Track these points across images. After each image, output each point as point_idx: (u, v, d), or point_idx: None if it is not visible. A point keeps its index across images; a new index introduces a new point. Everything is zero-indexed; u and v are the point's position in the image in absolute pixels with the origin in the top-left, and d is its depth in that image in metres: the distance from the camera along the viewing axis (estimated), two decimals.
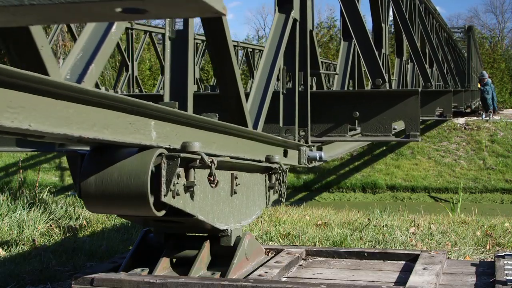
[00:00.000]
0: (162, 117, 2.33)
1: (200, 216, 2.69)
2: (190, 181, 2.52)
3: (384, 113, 4.44)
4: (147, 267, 2.98)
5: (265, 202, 3.44)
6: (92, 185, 2.36)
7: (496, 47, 39.31)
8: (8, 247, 5.12)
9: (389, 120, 4.44)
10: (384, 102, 4.47)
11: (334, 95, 4.80)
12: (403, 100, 4.41)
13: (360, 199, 17.53)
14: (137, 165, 2.32)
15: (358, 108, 4.53)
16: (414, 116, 4.41)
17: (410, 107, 4.40)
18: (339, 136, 4.61)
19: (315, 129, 4.63)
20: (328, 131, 4.64)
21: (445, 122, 19.44)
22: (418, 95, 4.35)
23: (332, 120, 4.64)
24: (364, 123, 4.53)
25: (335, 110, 4.63)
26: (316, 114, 4.61)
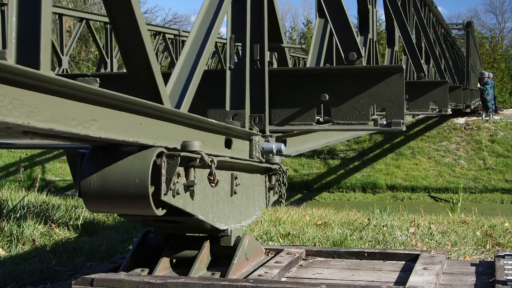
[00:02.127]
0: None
1: (200, 216, 2.70)
2: (190, 180, 2.53)
3: (360, 96, 3.55)
4: (147, 267, 2.98)
5: (265, 202, 3.45)
6: (92, 184, 2.36)
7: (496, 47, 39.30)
8: (8, 247, 5.12)
9: (366, 105, 3.54)
10: (359, 82, 3.56)
11: (299, 74, 3.86)
12: (383, 79, 3.50)
13: (360, 199, 17.53)
14: (137, 164, 2.32)
15: (328, 90, 3.63)
16: (397, 99, 3.50)
17: (392, 88, 3.49)
18: (305, 125, 3.72)
19: (276, 116, 3.77)
20: (292, 118, 3.76)
21: (445, 122, 19.45)
22: (402, 72, 3.47)
23: (296, 105, 3.73)
24: (335, 108, 3.62)
25: (300, 93, 3.77)
26: (277, 97, 3.75)
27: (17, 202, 7.03)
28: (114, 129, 2.11)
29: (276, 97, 3.74)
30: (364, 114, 3.56)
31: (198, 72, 3.02)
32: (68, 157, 2.53)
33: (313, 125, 3.70)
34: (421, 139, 19.18)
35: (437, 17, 15.73)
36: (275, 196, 3.57)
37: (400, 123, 3.54)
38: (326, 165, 19.03)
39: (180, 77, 2.97)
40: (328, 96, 3.61)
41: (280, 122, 3.76)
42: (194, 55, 3.07)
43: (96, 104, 2.01)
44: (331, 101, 3.63)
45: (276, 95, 3.74)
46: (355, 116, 3.57)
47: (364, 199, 17.55)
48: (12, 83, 1.63)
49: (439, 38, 15.32)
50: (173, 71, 2.95)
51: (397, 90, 3.50)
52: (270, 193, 3.52)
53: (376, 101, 3.54)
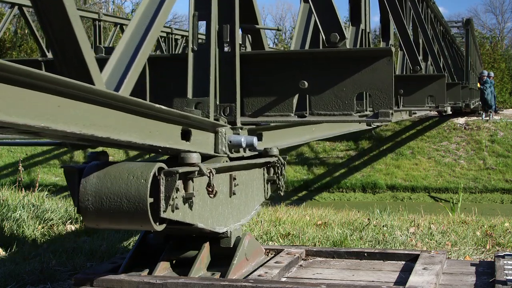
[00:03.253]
0: None
1: (200, 224, 2.70)
2: (189, 192, 2.53)
3: (344, 83, 3.13)
4: (147, 268, 2.98)
5: (264, 195, 3.43)
6: (91, 201, 2.36)
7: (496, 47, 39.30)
8: (8, 247, 5.12)
9: (350, 93, 3.13)
10: (343, 67, 3.15)
11: (274, 58, 3.41)
12: (369, 64, 3.08)
13: (360, 199, 17.53)
14: (136, 181, 2.32)
15: (308, 76, 3.22)
16: (386, 86, 3.06)
17: (380, 74, 3.06)
18: (281, 116, 3.30)
19: (249, 106, 3.36)
20: (267, 108, 3.34)
21: (445, 122, 19.44)
22: (390, 56, 3.05)
23: (272, 93, 3.32)
24: (315, 97, 3.21)
25: (276, 80, 3.31)
26: (251, 85, 3.34)
27: (17, 202, 7.03)
28: (16, 110, 1.66)
29: (250, 85, 3.33)
30: (348, 103, 3.14)
31: (143, 52, 2.53)
32: (65, 173, 2.52)
33: (291, 116, 3.28)
34: (421, 139, 19.17)
35: (435, 14, 15.24)
36: (273, 186, 3.52)
37: (388, 113, 3.08)
38: (326, 165, 19.03)
39: (121, 60, 2.49)
40: (308, 84, 3.19)
41: (253, 113, 3.36)
42: (139, 35, 2.60)
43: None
44: (310, 89, 3.22)
45: (249, 83, 3.33)
46: (337, 106, 3.17)
47: (364, 199, 17.55)
48: None
49: (437, 36, 14.82)
50: (113, 53, 2.50)
51: (386, 76, 3.06)
52: (268, 184, 3.48)
53: (361, 89, 3.14)
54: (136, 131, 2.23)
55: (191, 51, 3.07)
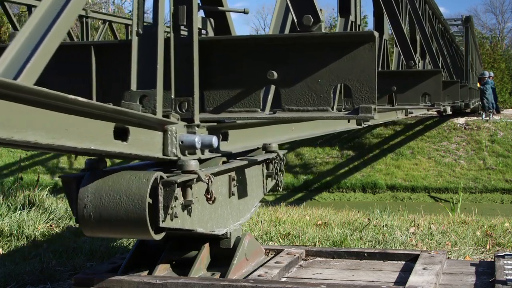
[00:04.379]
0: None
1: (199, 229, 2.69)
2: (188, 200, 2.52)
3: (319, 74, 2.71)
4: (147, 268, 2.98)
5: (263, 191, 3.41)
6: (89, 211, 2.36)
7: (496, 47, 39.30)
8: (8, 247, 5.12)
9: (326, 85, 2.71)
10: (318, 55, 2.73)
11: (239, 44, 2.94)
12: (348, 52, 2.66)
13: (360, 199, 17.53)
14: (135, 191, 2.31)
15: (278, 65, 2.79)
16: (367, 77, 2.66)
17: (361, 63, 2.66)
18: (247, 112, 2.87)
19: (210, 101, 2.93)
20: (230, 103, 2.90)
21: (445, 122, 19.44)
22: (373, 42, 2.64)
23: (237, 86, 2.88)
24: (286, 90, 2.77)
25: (242, 70, 2.88)
26: (213, 76, 2.92)
27: (17, 202, 7.03)
28: None
29: (212, 75, 2.91)
30: (324, 97, 2.71)
31: (54, 34, 2.05)
32: (63, 182, 2.52)
33: (257, 112, 2.85)
34: (421, 139, 19.17)
35: (434, 10, 14.77)
36: (273, 182, 3.49)
37: (370, 109, 2.63)
38: (326, 165, 19.03)
39: (26, 46, 2.03)
40: (278, 74, 2.76)
41: (215, 109, 2.91)
42: (52, 15, 2.10)
43: None
44: (281, 81, 2.77)
45: (211, 73, 2.91)
46: (312, 100, 2.73)
47: (364, 199, 17.55)
48: None
49: (436, 34, 14.26)
50: (15, 38, 2.03)
51: (367, 65, 2.64)
52: (267, 180, 3.45)
53: (339, 80, 2.71)
54: (45, 129, 1.82)
55: (135, 35, 2.64)
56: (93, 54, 3.12)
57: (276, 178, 3.45)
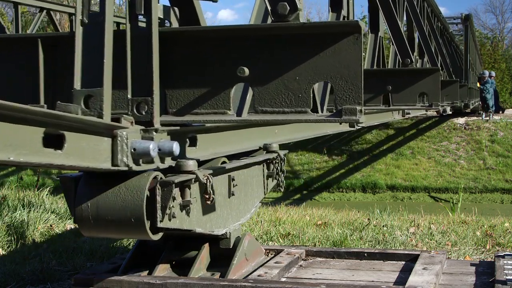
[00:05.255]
0: None
1: (198, 229, 2.69)
2: (186, 200, 2.51)
3: (297, 70, 2.41)
4: (146, 268, 2.98)
5: (264, 191, 3.40)
6: (87, 211, 2.36)
7: (497, 47, 39.31)
8: (8, 247, 5.12)
9: (305, 83, 2.41)
10: (295, 49, 2.42)
11: (207, 37, 2.58)
12: (330, 45, 2.36)
13: (360, 199, 17.53)
14: (132, 191, 2.31)
15: (250, 61, 2.47)
16: (352, 74, 2.36)
17: (344, 58, 2.36)
18: (215, 114, 2.54)
19: (174, 102, 2.60)
20: (196, 104, 2.57)
21: (445, 122, 19.43)
22: (358, 34, 2.35)
23: (204, 84, 2.55)
24: (259, 89, 2.45)
25: (210, 66, 2.55)
26: (177, 73, 2.59)
27: (17, 202, 7.03)
28: None
29: (176, 72, 2.58)
30: (302, 97, 2.39)
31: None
32: (61, 182, 2.52)
33: (227, 114, 2.52)
34: (421, 139, 19.17)
35: (432, 8, 14.25)
36: (274, 181, 3.48)
37: (355, 110, 2.33)
38: (326, 165, 19.03)
39: None
40: (249, 71, 2.43)
41: (179, 110, 2.58)
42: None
43: None
44: (253, 78, 2.45)
45: (175, 70, 2.59)
46: (289, 100, 2.42)
47: (364, 199, 17.55)
48: None
49: (435, 32, 13.86)
50: None
51: (352, 60, 2.33)
52: (268, 180, 3.43)
53: (320, 78, 2.39)
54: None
55: (80, 24, 2.31)
56: (40, 48, 2.74)
57: (277, 178, 3.45)
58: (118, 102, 2.43)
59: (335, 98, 2.39)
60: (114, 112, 2.34)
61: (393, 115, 7.26)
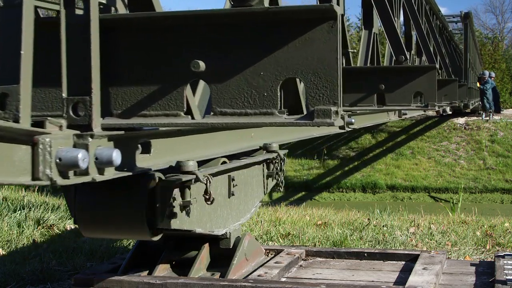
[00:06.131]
0: None
1: (198, 230, 2.68)
2: (186, 200, 2.51)
3: (261, 64, 2.08)
4: (146, 268, 2.98)
5: (264, 191, 3.40)
6: (87, 212, 2.36)
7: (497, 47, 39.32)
8: (8, 247, 5.12)
9: (271, 80, 2.07)
10: (259, 40, 2.08)
11: (157, 26, 2.21)
12: (302, 34, 2.02)
13: (360, 199, 17.53)
14: (132, 192, 2.31)
15: (209, 53, 2.12)
16: (327, 68, 2.01)
17: (317, 50, 2.01)
18: (166, 116, 2.19)
19: (119, 102, 2.24)
20: (145, 104, 2.21)
21: (445, 122, 19.44)
22: (334, 20, 1.99)
23: (154, 81, 2.20)
24: (218, 87, 2.12)
25: (161, 59, 2.20)
26: (122, 67, 2.24)
27: (17, 202, 7.03)
28: None
29: (120, 67, 2.24)
30: (268, 96, 2.06)
31: None
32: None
33: (180, 117, 2.16)
34: (421, 139, 19.17)
35: (431, 6, 13.84)
36: (273, 181, 3.48)
37: (329, 112, 1.97)
38: (326, 165, 19.03)
39: None
40: (206, 65, 2.09)
41: (125, 112, 2.22)
42: None
43: None
44: (210, 74, 2.11)
45: (120, 65, 2.24)
46: (252, 99, 2.08)
47: (364, 199, 17.55)
48: None
49: (433, 30, 13.41)
50: None
51: (326, 52, 1.99)
52: (268, 180, 3.43)
53: (288, 73, 2.05)
54: None
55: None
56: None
57: (276, 178, 3.45)
58: (55, 103, 2.14)
59: (306, 97, 2.05)
60: (50, 114, 2.09)
61: (388, 116, 6.86)
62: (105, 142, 2.07)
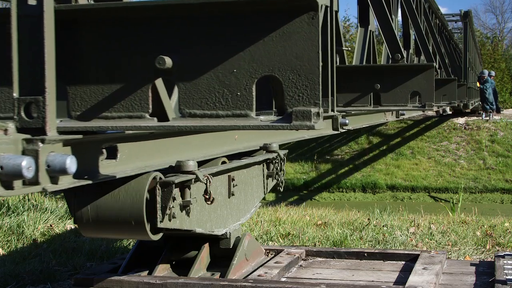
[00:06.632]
0: None
1: (198, 229, 2.68)
2: (186, 200, 2.50)
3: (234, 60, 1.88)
4: (146, 268, 2.98)
5: (264, 191, 3.40)
6: (87, 213, 2.35)
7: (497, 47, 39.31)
8: (8, 247, 5.12)
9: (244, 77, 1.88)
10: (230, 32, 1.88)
11: (121, 16, 2.00)
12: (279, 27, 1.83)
13: (360, 199, 17.53)
14: (132, 191, 2.30)
15: (177, 48, 1.92)
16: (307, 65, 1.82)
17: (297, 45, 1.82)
18: (130, 118, 1.97)
19: (77, 101, 2.02)
20: (107, 105, 2.00)
21: (445, 122, 19.44)
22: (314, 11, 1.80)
23: (116, 79, 1.99)
24: (185, 85, 1.92)
25: (125, 55, 1.98)
26: (83, 64, 2.02)
27: (17, 202, 7.03)
28: None
29: (79, 64, 2.01)
30: (242, 96, 1.87)
31: None
32: None
33: (144, 119, 1.96)
34: (421, 139, 19.17)
35: (430, 4, 13.63)
36: (273, 181, 3.47)
37: (309, 114, 1.80)
38: (326, 165, 19.03)
39: None
40: (173, 61, 1.89)
41: (85, 113, 2.00)
42: None
43: None
44: (177, 71, 1.91)
45: (81, 61, 2.01)
46: (224, 100, 1.89)
47: (364, 199, 17.55)
48: None
49: (432, 29, 13.17)
50: None
51: (306, 47, 1.80)
52: (268, 180, 3.42)
53: (264, 70, 1.85)
54: None
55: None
56: None
57: (276, 178, 3.45)
58: (7, 104, 1.95)
59: (284, 97, 1.85)
60: (2, 116, 1.95)
61: (385, 117, 6.61)
62: (60, 148, 1.88)
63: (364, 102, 5.13)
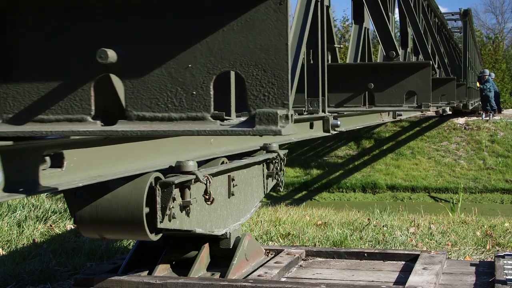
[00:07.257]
0: None
1: (198, 230, 2.68)
2: (186, 200, 2.50)
3: (188, 54, 1.64)
4: (146, 268, 2.98)
5: (264, 191, 3.40)
6: (87, 213, 2.35)
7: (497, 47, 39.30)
8: (8, 247, 5.12)
9: (202, 74, 1.63)
10: (185, 22, 1.63)
11: (59, 5, 1.74)
12: (240, 14, 1.58)
13: (360, 199, 17.53)
14: (132, 193, 2.30)
15: (124, 40, 1.67)
16: (273, 60, 1.57)
17: (262, 36, 1.57)
18: (69, 122, 1.73)
19: (9, 101, 1.78)
20: (43, 106, 1.75)
21: (445, 122, 19.44)
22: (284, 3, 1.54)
23: (54, 76, 1.74)
24: (133, 83, 1.68)
25: (66, 48, 1.74)
26: (21, 59, 1.77)
27: (17, 202, 7.03)
28: None
29: (13, 59, 1.75)
30: (198, 96, 1.62)
31: None
32: None
33: (85, 122, 1.70)
34: (421, 139, 19.17)
35: (429, 2, 13.24)
36: (273, 181, 3.47)
37: (275, 117, 1.56)
38: (326, 165, 19.03)
39: None
40: (117, 55, 1.64)
41: (18, 116, 1.75)
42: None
43: None
44: (122, 66, 1.65)
45: (12, 57, 1.75)
46: (177, 100, 1.64)
47: (364, 199, 17.55)
48: None
49: (431, 28, 12.85)
50: None
51: (272, 39, 1.56)
52: (268, 180, 3.42)
53: (225, 66, 1.60)
54: None
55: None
56: None
57: (276, 178, 3.45)
58: None
59: (247, 97, 1.60)
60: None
61: (381, 117, 6.30)
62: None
63: (357, 102, 4.93)
